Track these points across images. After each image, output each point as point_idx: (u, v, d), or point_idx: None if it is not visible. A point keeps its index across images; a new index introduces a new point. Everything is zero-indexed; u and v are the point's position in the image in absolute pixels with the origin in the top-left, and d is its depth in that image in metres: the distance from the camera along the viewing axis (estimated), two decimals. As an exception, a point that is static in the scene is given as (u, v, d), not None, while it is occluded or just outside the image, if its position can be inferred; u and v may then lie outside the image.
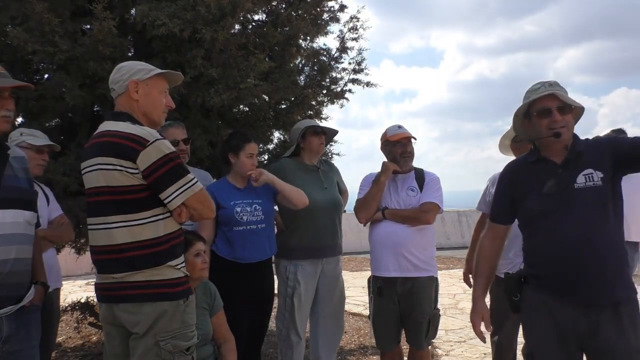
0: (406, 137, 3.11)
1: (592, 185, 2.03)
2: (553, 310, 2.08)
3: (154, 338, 1.94)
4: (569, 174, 2.08)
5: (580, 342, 2.04)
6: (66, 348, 4.59)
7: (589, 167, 2.04)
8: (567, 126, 2.08)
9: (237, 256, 2.90)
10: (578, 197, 2.04)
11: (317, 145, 3.34)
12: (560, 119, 2.07)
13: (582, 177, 2.05)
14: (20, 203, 1.97)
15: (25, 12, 3.06)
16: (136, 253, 1.95)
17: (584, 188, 2.04)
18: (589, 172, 2.04)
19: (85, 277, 8.11)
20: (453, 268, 8.99)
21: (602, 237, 2.01)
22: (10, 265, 1.89)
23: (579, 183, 2.04)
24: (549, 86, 2.14)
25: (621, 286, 2.02)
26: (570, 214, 2.04)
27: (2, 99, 1.91)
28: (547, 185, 2.10)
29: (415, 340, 3.04)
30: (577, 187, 2.05)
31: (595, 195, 2.02)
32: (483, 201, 3.39)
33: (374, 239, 3.14)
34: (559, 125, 2.07)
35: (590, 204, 2.02)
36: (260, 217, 2.97)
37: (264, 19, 4.12)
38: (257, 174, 2.92)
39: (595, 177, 2.03)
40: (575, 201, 2.04)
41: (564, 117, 2.08)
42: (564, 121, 2.08)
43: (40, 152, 2.87)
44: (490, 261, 2.37)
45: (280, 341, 3.30)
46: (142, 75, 2.09)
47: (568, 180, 2.07)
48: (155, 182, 1.95)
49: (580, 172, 2.05)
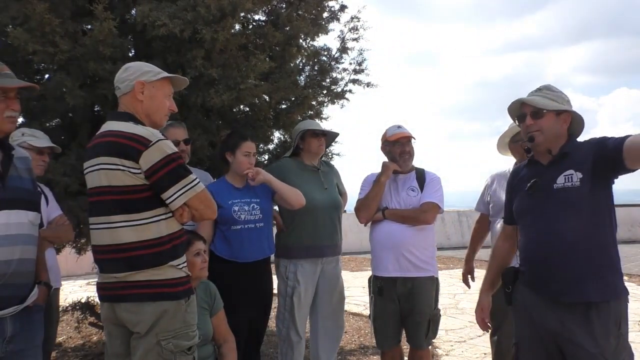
0: (405, 137, 3.11)
1: (570, 185, 2.07)
2: (530, 304, 2.17)
3: (155, 338, 1.94)
4: (551, 174, 2.13)
5: (555, 339, 2.08)
6: (67, 348, 4.60)
7: (571, 168, 2.08)
8: (541, 130, 2.14)
9: (235, 255, 2.90)
10: (554, 197, 2.09)
11: (316, 147, 3.34)
12: (531, 124, 2.15)
13: (562, 177, 2.09)
14: (24, 204, 1.98)
15: (25, 13, 3.06)
16: (139, 253, 1.95)
17: (562, 188, 2.08)
18: (570, 173, 2.08)
19: (86, 277, 8.11)
20: (453, 268, 9.00)
21: (573, 236, 2.04)
22: (14, 266, 1.90)
23: (559, 183, 2.10)
24: (537, 91, 2.22)
25: (594, 288, 2.00)
26: (545, 213, 2.11)
27: (8, 100, 1.92)
28: (528, 185, 2.19)
29: (416, 340, 3.04)
30: (555, 188, 2.10)
31: (571, 196, 2.06)
32: (481, 202, 3.40)
33: (374, 239, 3.15)
34: (531, 130, 2.15)
35: (564, 204, 2.07)
36: (258, 216, 2.97)
37: (264, 19, 4.12)
38: (254, 173, 2.92)
39: (575, 178, 2.06)
40: (551, 201, 2.10)
41: (536, 122, 2.14)
42: (536, 125, 2.14)
43: (40, 154, 2.88)
44: (501, 259, 2.47)
45: (281, 341, 3.31)
46: (149, 77, 2.10)
47: (549, 180, 2.13)
48: (157, 182, 1.96)
49: (562, 172, 2.10)
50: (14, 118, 1.95)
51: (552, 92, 2.20)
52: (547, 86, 2.24)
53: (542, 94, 2.19)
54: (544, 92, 2.20)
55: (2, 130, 1.94)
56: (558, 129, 2.16)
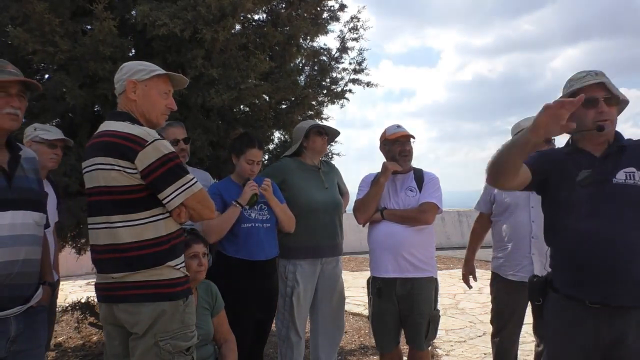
0: (404, 136, 3.10)
1: (632, 183, 1.88)
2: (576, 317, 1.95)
3: (153, 338, 1.94)
4: (608, 167, 1.93)
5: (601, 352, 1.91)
6: (67, 348, 4.59)
7: (631, 166, 1.90)
8: (611, 119, 1.95)
9: (244, 254, 2.90)
10: (614, 192, 1.89)
11: (320, 145, 3.35)
12: (607, 110, 1.93)
13: (622, 173, 1.90)
14: (30, 204, 1.98)
15: (25, 12, 3.06)
16: (138, 253, 1.95)
17: (624, 184, 1.88)
18: (631, 170, 1.89)
19: (86, 277, 8.11)
20: (453, 268, 8.99)
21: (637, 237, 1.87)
22: (19, 266, 1.90)
23: (619, 179, 1.90)
24: (595, 75, 1.98)
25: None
26: (604, 208, 1.89)
27: (8, 96, 1.91)
28: (581, 176, 1.94)
29: (415, 341, 3.03)
30: (615, 182, 1.89)
31: (634, 193, 1.88)
32: (482, 201, 3.38)
33: (373, 239, 3.13)
34: (605, 117, 1.92)
35: (628, 202, 1.88)
36: (266, 216, 2.99)
37: (264, 19, 4.12)
38: (264, 190, 2.92)
39: (637, 176, 1.88)
40: (610, 196, 1.89)
41: (610, 109, 1.95)
42: (609, 113, 1.94)
43: (52, 147, 2.94)
44: None
45: (280, 341, 3.30)
46: (141, 76, 2.08)
47: (606, 174, 1.92)
48: (153, 183, 1.95)
49: (621, 167, 1.91)
50: (15, 115, 1.94)
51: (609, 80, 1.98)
52: (602, 72, 2.00)
53: (609, 80, 1.96)
54: (606, 78, 1.96)
55: (3, 128, 1.94)
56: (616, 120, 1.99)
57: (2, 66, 1.93)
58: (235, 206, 2.85)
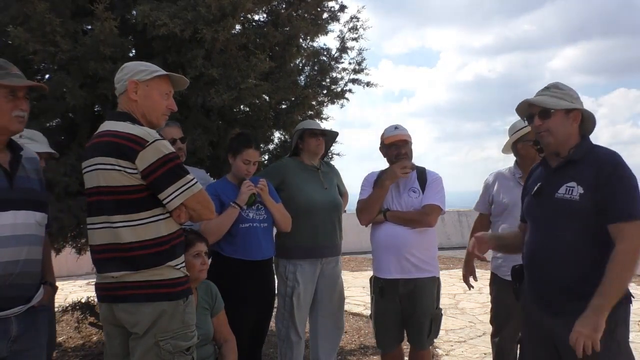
0: (400, 140, 3.09)
1: (568, 197, 2.00)
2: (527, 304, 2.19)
3: (153, 338, 1.94)
4: (555, 180, 2.08)
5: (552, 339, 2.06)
6: (67, 348, 4.59)
7: (574, 180, 2.00)
8: (549, 130, 2.07)
9: (241, 254, 2.90)
10: (554, 205, 2.04)
11: (314, 147, 3.34)
12: (539, 124, 2.08)
13: (564, 187, 2.02)
14: (32, 204, 1.98)
15: (26, 12, 3.06)
16: (139, 253, 1.95)
17: (562, 199, 2.02)
18: (572, 185, 2.00)
19: (86, 277, 8.10)
20: (453, 268, 8.99)
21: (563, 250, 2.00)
22: (21, 266, 1.90)
23: (559, 193, 2.03)
24: (544, 89, 2.16)
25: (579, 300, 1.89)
26: (545, 218, 2.09)
27: (17, 99, 1.92)
28: (534, 189, 2.16)
29: (418, 340, 3.03)
30: (556, 197, 2.04)
31: (569, 207, 1.99)
32: (481, 201, 3.38)
33: (376, 240, 3.13)
34: (540, 130, 2.09)
35: (562, 213, 2.02)
36: (263, 216, 2.99)
37: (264, 19, 4.12)
38: (260, 190, 2.93)
39: (575, 192, 1.99)
40: (551, 208, 2.06)
41: (545, 122, 2.07)
42: (544, 126, 2.07)
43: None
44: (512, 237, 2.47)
45: (280, 341, 3.31)
46: (142, 76, 2.09)
47: (552, 187, 2.07)
48: (154, 183, 1.95)
49: (565, 182, 2.03)
50: (23, 118, 1.95)
51: (561, 90, 2.12)
52: (555, 84, 2.16)
53: (550, 93, 2.12)
54: (552, 90, 2.13)
55: (11, 130, 1.95)
56: (568, 128, 2.07)
57: (8, 68, 1.93)
58: (233, 207, 2.85)
